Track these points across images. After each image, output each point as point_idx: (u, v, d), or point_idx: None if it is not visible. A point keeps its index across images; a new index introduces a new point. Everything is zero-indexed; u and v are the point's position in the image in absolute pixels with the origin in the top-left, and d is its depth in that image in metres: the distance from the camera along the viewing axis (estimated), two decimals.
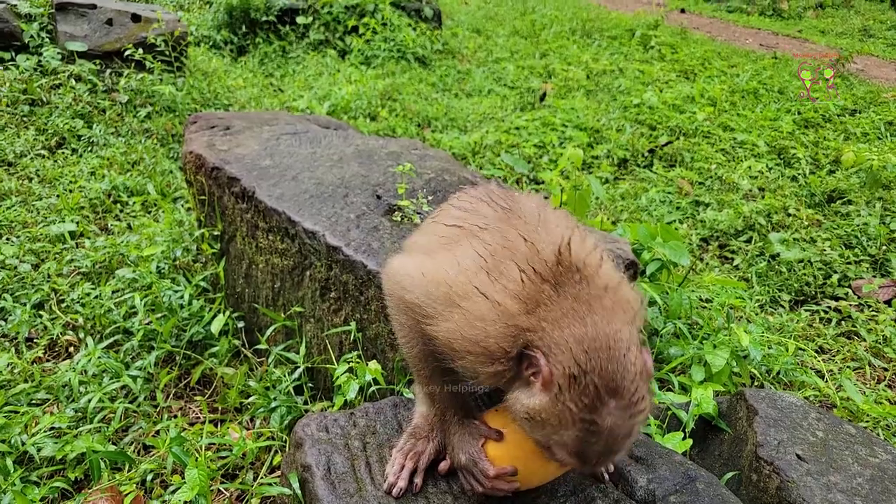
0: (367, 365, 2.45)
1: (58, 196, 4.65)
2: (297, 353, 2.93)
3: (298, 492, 1.79)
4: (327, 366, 2.80)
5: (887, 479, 1.87)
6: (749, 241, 5.08)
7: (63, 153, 5.35)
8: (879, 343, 3.90)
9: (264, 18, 8.94)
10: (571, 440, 1.32)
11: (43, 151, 5.29)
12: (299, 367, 2.87)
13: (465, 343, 1.44)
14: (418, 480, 1.69)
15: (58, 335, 3.37)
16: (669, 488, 1.71)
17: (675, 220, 5.40)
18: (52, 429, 2.75)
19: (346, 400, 2.38)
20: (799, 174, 5.98)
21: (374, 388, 2.51)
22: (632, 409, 1.32)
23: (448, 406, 1.67)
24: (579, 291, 1.41)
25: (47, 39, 6.36)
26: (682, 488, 1.71)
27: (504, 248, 1.50)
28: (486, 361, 1.43)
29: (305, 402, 2.88)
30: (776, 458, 1.89)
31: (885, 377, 3.65)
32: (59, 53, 6.16)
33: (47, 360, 3.30)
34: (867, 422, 3.11)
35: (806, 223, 5.13)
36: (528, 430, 1.43)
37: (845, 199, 5.42)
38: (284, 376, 2.89)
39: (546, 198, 5.04)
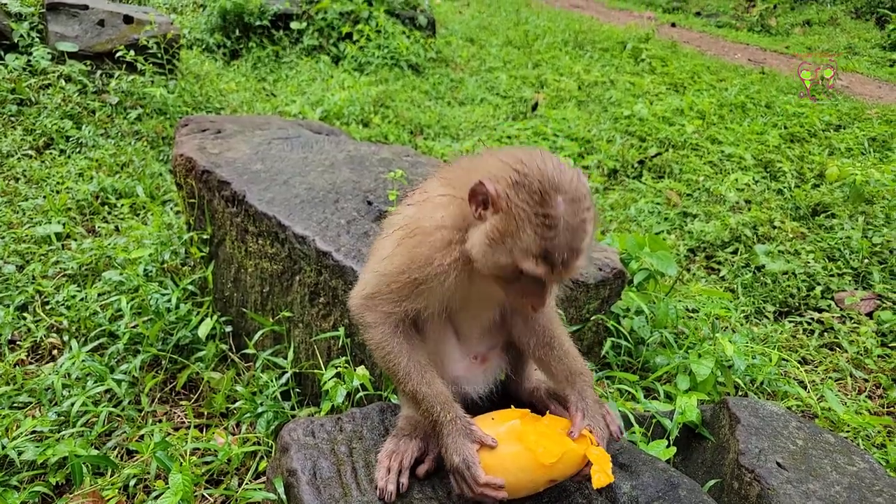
0: (354, 370, 2.45)
1: (44, 197, 4.62)
2: (285, 358, 2.93)
3: (283, 497, 1.79)
4: (315, 371, 2.80)
5: (864, 487, 1.90)
6: (735, 252, 5.13)
7: (51, 154, 5.32)
8: (861, 354, 3.95)
9: (258, 23, 8.94)
10: (532, 241, 1.41)
11: (30, 152, 5.26)
12: (287, 372, 2.87)
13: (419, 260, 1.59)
14: (404, 480, 1.70)
15: (41, 337, 3.34)
16: (652, 495, 1.73)
17: (663, 231, 5.45)
18: (33, 432, 2.72)
19: (333, 405, 2.38)
20: (784, 187, 6.05)
21: (361, 393, 2.52)
22: (578, 204, 1.42)
23: (440, 405, 1.67)
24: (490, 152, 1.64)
25: (37, 39, 6.32)
26: (665, 495, 1.73)
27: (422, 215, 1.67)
28: (445, 247, 1.57)
29: (292, 408, 2.87)
30: (757, 465, 1.92)
31: (866, 388, 3.70)
32: (49, 53, 6.13)
33: (30, 363, 3.27)
34: (848, 431, 3.15)
35: (791, 236, 5.20)
36: (490, 257, 1.48)
37: (829, 213, 5.49)
38: (272, 381, 2.89)
39: None
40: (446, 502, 1.69)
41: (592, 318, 3.08)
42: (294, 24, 9.17)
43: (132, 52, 6.28)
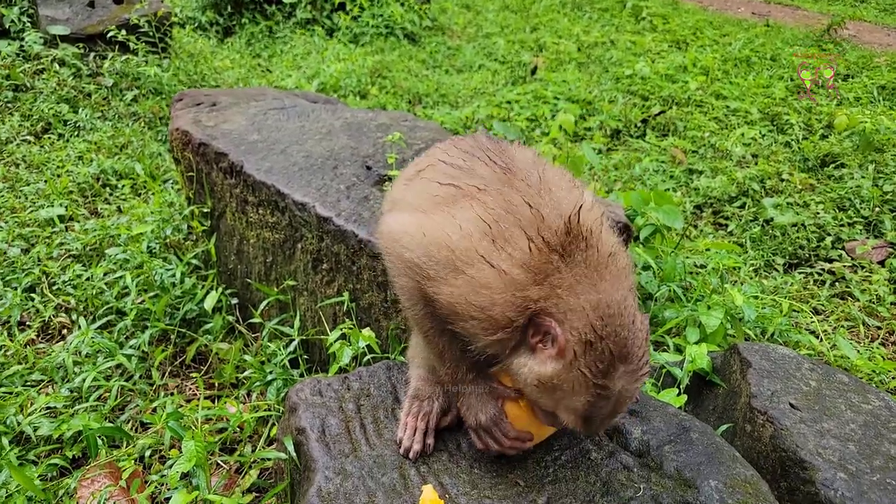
0: (360, 332, 2.44)
1: (45, 181, 4.61)
2: (292, 326, 2.92)
3: (294, 454, 1.79)
4: (322, 337, 2.80)
5: (880, 424, 1.88)
6: (743, 206, 5.07)
7: (49, 138, 5.29)
8: (873, 303, 3.92)
9: None
10: (582, 405, 1.35)
11: (29, 137, 5.24)
12: (294, 340, 2.86)
13: (469, 308, 1.43)
14: (430, 441, 1.69)
15: (50, 317, 3.35)
16: (664, 439, 1.72)
17: (669, 189, 5.38)
18: (47, 409, 2.74)
19: (340, 367, 2.38)
20: (792, 140, 5.96)
21: (368, 356, 2.51)
22: (638, 374, 1.36)
23: (460, 364, 1.63)
24: (587, 258, 1.42)
25: (29, 24, 6.26)
26: (677, 438, 1.71)
27: (508, 214, 1.48)
28: (490, 329, 1.43)
29: (301, 375, 2.87)
30: (770, 407, 1.90)
31: (879, 336, 3.66)
32: (41, 38, 6.06)
33: (40, 343, 3.28)
34: (861, 377, 3.13)
35: (799, 187, 5.12)
36: (535, 396, 1.43)
37: (838, 163, 5.40)
38: (279, 350, 2.88)
39: None
40: (456, 454, 1.69)
41: None
42: None
43: (124, 32, 6.20)
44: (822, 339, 3.44)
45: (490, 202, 1.52)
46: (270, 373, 2.81)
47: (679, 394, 2.27)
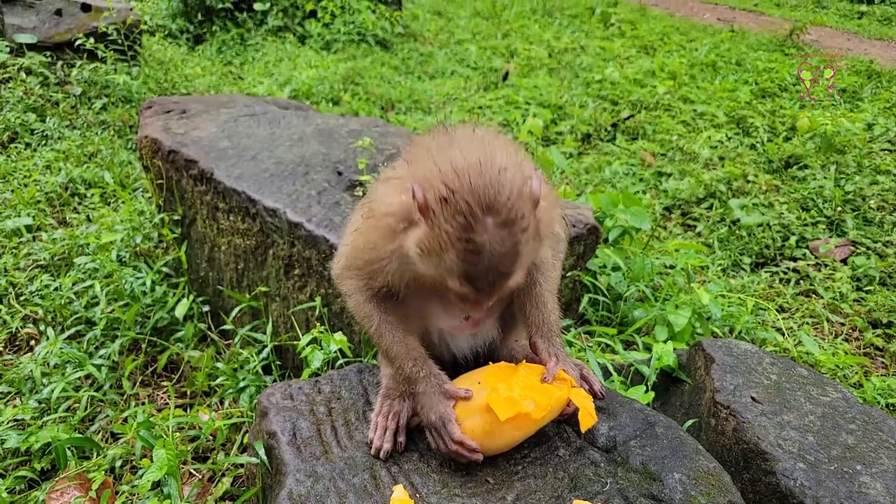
0: (332, 336, 2.45)
1: (12, 191, 4.53)
2: (264, 332, 2.92)
3: (265, 458, 1.80)
4: (295, 343, 2.80)
5: (838, 415, 1.94)
6: (710, 208, 5.18)
7: (16, 148, 5.21)
8: (836, 300, 4.02)
9: (220, 6, 8.77)
10: (455, 263, 1.33)
11: None
12: (266, 346, 2.86)
13: (380, 240, 1.55)
14: (402, 439, 1.71)
15: (17, 328, 3.30)
16: (630, 434, 1.76)
17: (638, 191, 5.48)
18: (15, 421, 2.70)
19: (312, 372, 2.38)
20: (757, 142, 6.10)
21: (341, 360, 2.52)
22: (511, 227, 1.31)
23: (413, 361, 1.68)
24: (448, 134, 1.50)
25: None
26: (642, 433, 1.75)
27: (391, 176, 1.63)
28: (393, 232, 1.49)
29: (274, 381, 2.87)
30: (732, 401, 1.95)
31: (842, 331, 3.77)
32: (7, 46, 5.96)
33: (7, 354, 3.23)
34: (825, 372, 3.22)
35: (764, 188, 5.25)
36: (421, 269, 1.44)
37: (802, 164, 5.54)
38: (252, 356, 2.88)
39: None
40: (426, 453, 1.71)
41: (569, 273, 3.10)
42: (258, 5, 9.02)
43: (92, 40, 6.13)
44: (787, 335, 3.52)
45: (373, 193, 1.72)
46: (243, 379, 2.80)
47: (647, 391, 2.32)
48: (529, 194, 1.34)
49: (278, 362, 2.93)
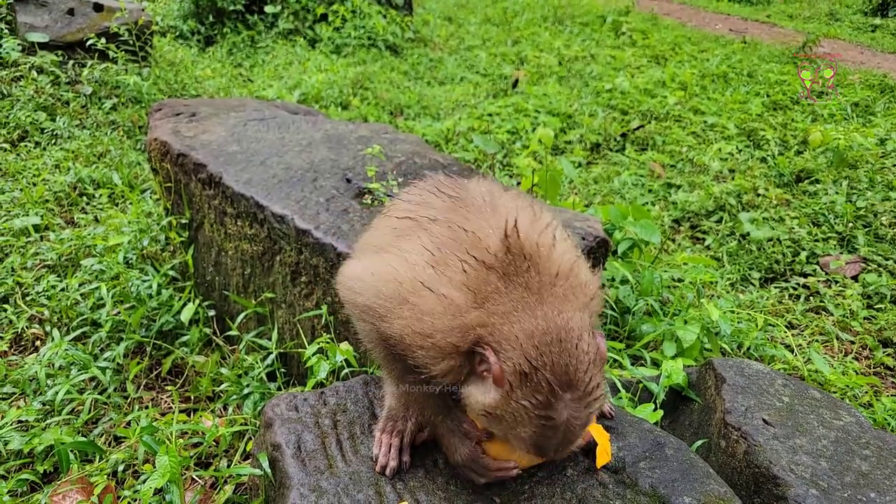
0: (338, 346, 2.43)
1: (21, 189, 4.54)
2: (269, 339, 2.90)
3: (269, 471, 1.77)
4: (299, 350, 2.78)
5: (851, 440, 1.91)
6: (720, 221, 5.14)
7: (26, 146, 5.22)
8: (846, 317, 3.98)
9: (232, 7, 8.80)
10: (528, 435, 1.31)
11: (4, 145, 5.16)
12: (271, 353, 2.84)
13: (415, 338, 1.40)
14: (406, 458, 1.68)
15: (23, 329, 3.29)
16: (639, 455, 1.73)
17: (647, 203, 5.45)
18: (19, 422, 2.69)
19: (317, 382, 2.36)
20: (768, 155, 6.06)
21: (346, 370, 2.50)
22: (587, 400, 1.31)
23: (427, 404, 1.62)
24: (529, 280, 1.37)
25: (7, 31, 6.17)
26: (652, 454, 1.72)
27: (450, 240, 1.45)
28: (437, 357, 1.39)
29: (279, 388, 2.85)
30: (743, 423, 1.92)
31: (853, 350, 3.73)
32: (19, 45, 5.99)
33: (13, 355, 3.22)
34: (835, 392, 3.18)
35: (775, 203, 5.21)
36: (485, 424, 1.41)
37: (813, 179, 5.51)
38: (257, 363, 2.86)
39: (518, 183, 5.05)
40: (432, 470, 1.68)
41: None
42: (269, 8, 9.04)
43: (103, 41, 6.15)
44: (796, 353, 3.49)
45: (436, 230, 1.51)
46: (247, 386, 2.78)
47: (655, 409, 2.29)
48: (600, 360, 1.35)
49: (283, 369, 2.91)
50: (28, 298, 3.49)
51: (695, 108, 7.28)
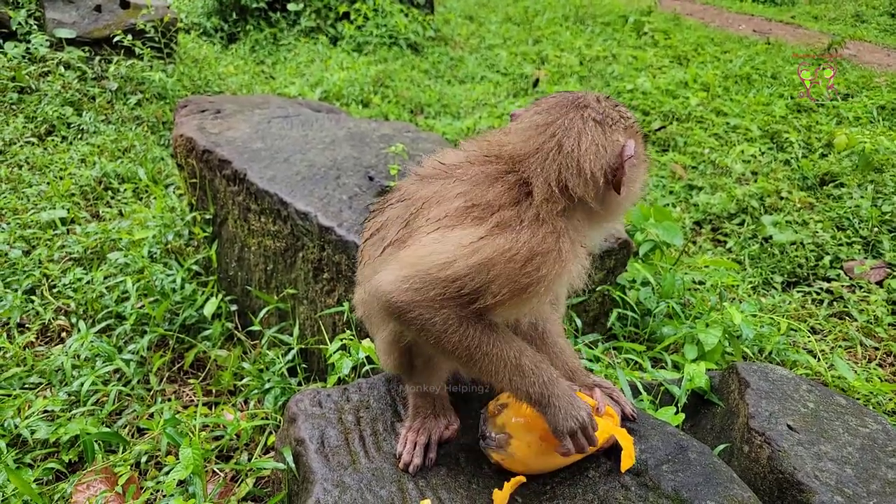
0: (360, 343, 2.45)
1: (48, 183, 4.62)
2: (291, 334, 2.93)
3: (292, 465, 1.79)
4: (321, 346, 2.80)
5: (877, 447, 1.88)
6: (742, 224, 5.09)
7: (53, 141, 5.31)
8: (871, 323, 3.92)
9: (255, 5, 8.87)
10: (642, 184, 1.64)
11: (32, 139, 5.25)
12: (293, 348, 2.87)
13: (532, 260, 1.40)
14: (432, 455, 1.70)
15: (49, 320, 3.36)
16: (661, 458, 1.72)
17: (668, 204, 5.40)
18: (45, 412, 2.74)
19: (339, 378, 2.38)
20: (791, 158, 5.98)
21: (367, 367, 2.51)
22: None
23: (546, 375, 1.50)
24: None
25: (35, 27, 6.28)
26: (674, 458, 1.72)
27: (461, 183, 1.55)
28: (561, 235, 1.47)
29: (299, 384, 2.88)
30: (767, 428, 1.90)
31: (877, 356, 3.67)
32: (47, 41, 6.09)
33: (39, 345, 3.28)
34: (858, 398, 3.13)
35: (798, 206, 5.15)
36: (623, 209, 1.64)
37: (837, 182, 5.43)
38: (278, 358, 2.89)
39: None
40: (455, 468, 1.69)
41: (598, 288, 3.07)
42: (291, 6, 9.09)
43: (130, 37, 6.23)
44: (819, 358, 3.44)
45: (444, 191, 1.55)
46: (268, 381, 2.81)
47: (677, 412, 2.28)
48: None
49: (304, 365, 2.93)
50: (55, 290, 3.56)
51: (717, 110, 7.20)
